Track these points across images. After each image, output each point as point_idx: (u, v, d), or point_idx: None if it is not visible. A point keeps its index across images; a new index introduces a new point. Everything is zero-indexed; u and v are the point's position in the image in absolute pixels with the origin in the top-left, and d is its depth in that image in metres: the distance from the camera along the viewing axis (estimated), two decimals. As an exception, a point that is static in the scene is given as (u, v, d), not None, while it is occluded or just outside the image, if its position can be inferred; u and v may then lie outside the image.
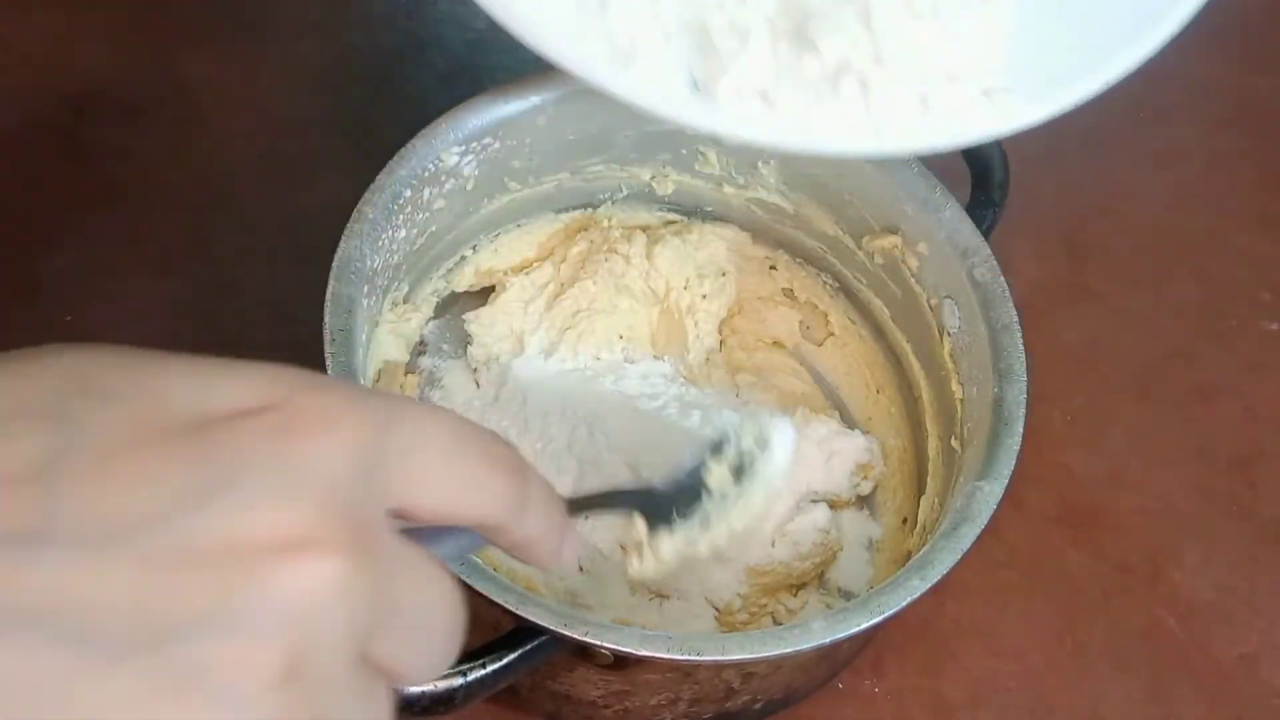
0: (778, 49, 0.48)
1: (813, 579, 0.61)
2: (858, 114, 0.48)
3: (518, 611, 0.45)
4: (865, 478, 0.64)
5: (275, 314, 0.69)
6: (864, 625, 0.47)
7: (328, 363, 0.51)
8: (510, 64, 0.85)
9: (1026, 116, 0.50)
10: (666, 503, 0.53)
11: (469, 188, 0.62)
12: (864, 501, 0.65)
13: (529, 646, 0.46)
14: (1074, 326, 0.76)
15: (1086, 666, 0.63)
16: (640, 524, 0.53)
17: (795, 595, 0.61)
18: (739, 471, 0.54)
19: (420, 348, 0.68)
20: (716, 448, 0.54)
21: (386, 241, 0.57)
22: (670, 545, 0.53)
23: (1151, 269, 0.80)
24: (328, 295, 0.53)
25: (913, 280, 0.61)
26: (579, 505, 0.48)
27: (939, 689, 0.62)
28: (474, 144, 0.60)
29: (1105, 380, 0.74)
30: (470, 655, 0.45)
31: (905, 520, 0.63)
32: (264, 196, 0.77)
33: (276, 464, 0.25)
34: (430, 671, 0.30)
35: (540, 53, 0.49)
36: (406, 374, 0.65)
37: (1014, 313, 0.56)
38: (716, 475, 0.53)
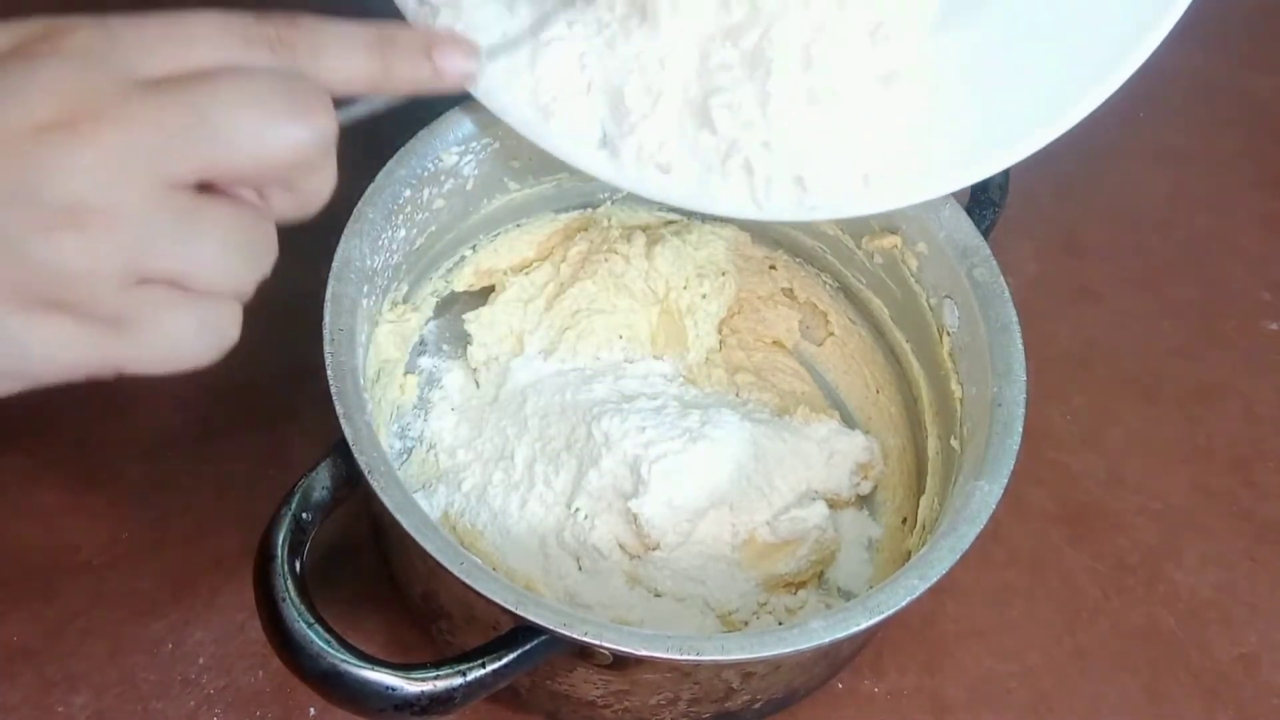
0: (682, 120, 0.53)
1: (811, 578, 0.61)
2: (742, 188, 0.54)
3: (517, 611, 0.45)
4: (865, 477, 0.64)
5: (274, 314, 0.69)
6: (864, 625, 0.47)
7: (327, 362, 0.51)
8: (510, 64, 0.85)
9: (897, 200, 0.55)
10: None
11: (469, 187, 0.62)
12: (864, 501, 0.65)
13: (528, 646, 0.46)
14: (1074, 326, 0.76)
15: (1086, 666, 0.63)
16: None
17: (794, 594, 0.61)
18: None
19: (420, 347, 0.68)
20: None
21: (386, 241, 0.57)
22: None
23: (1151, 269, 0.80)
24: (327, 295, 0.53)
25: (912, 280, 0.61)
26: None
27: (939, 689, 0.62)
28: (474, 144, 0.60)
29: (1105, 380, 0.74)
30: (469, 655, 0.45)
31: (905, 520, 0.63)
32: (264, 197, 0.76)
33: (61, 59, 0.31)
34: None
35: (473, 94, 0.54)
36: (406, 374, 0.65)
37: (1013, 313, 0.56)
38: None
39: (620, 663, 0.47)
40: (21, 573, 0.60)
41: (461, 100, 0.59)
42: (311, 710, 0.58)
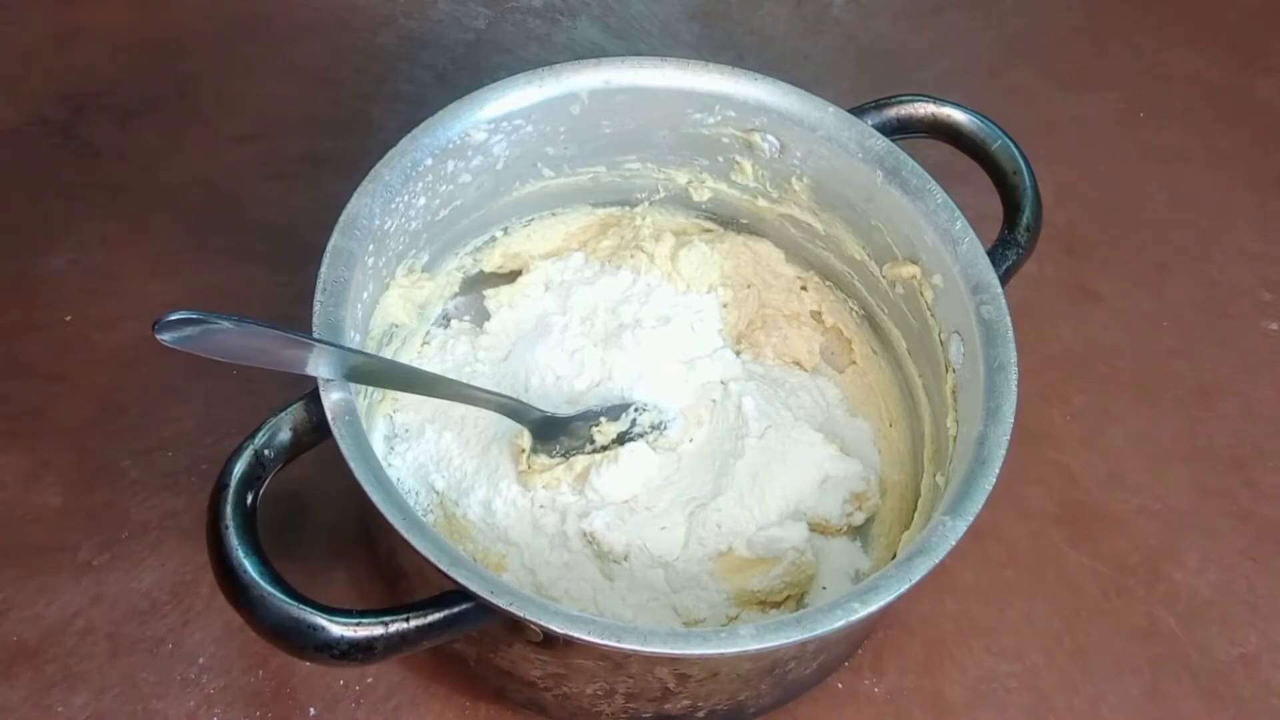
0: None
1: (788, 601, 0.60)
2: None
3: (448, 572, 0.45)
4: (859, 508, 0.63)
5: (274, 313, 0.69)
6: (793, 639, 0.46)
7: (315, 309, 0.51)
8: (509, 63, 0.85)
9: None
10: (554, 434, 0.61)
11: (499, 167, 0.61)
12: (857, 532, 0.64)
13: (455, 610, 0.46)
14: (1074, 326, 0.76)
15: (1086, 667, 0.63)
16: (527, 436, 0.60)
17: (765, 614, 0.60)
18: (623, 439, 0.62)
19: (442, 321, 0.69)
20: (615, 413, 0.62)
21: (402, 206, 0.57)
22: (539, 463, 0.61)
23: (1151, 269, 0.80)
24: (328, 247, 0.53)
25: (928, 313, 0.61)
26: (490, 396, 0.58)
27: (939, 689, 0.62)
28: (504, 124, 0.60)
29: (1105, 380, 0.74)
30: (395, 609, 0.45)
31: (894, 556, 0.62)
32: (264, 196, 0.77)
33: None
34: None
35: None
36: (423, 344, 0.66)
37: (1013, 354, 0.55)
38: (604, 433, 0.62)
39: (551, 642, 0.47)
40: (21, 573, 0.60)
41: (492, 79, 0.60)
42: (311, 710, 0.58)
